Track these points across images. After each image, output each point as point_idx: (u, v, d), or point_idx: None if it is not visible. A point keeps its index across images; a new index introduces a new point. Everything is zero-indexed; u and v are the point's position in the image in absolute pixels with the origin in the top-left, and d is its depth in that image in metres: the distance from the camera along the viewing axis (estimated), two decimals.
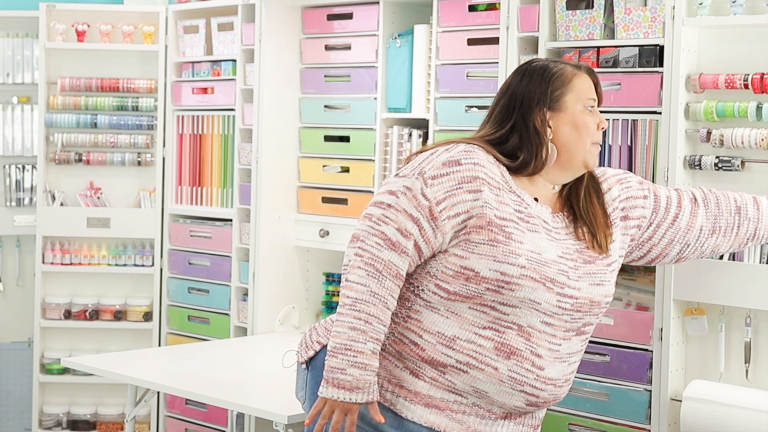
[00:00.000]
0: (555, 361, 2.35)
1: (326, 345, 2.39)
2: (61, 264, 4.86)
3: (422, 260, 2.33)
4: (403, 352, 2.34)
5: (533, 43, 3.41)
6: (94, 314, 4.86)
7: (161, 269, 4.81)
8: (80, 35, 4.86)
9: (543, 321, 2.32)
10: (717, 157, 3.04)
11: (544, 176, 2.42)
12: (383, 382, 2.35)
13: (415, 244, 2.29)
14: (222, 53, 4.54)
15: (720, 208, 2.63)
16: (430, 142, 3.77)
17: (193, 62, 4.68)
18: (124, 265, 4.88)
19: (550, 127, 2.38)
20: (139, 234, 4.87)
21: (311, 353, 2.47)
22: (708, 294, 3.03)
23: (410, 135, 3.85)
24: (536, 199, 2.40)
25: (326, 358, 2.27)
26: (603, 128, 2.45)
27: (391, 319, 2.35)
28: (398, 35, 3.94)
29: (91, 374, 4.33)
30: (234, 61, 4.45)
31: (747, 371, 3.02)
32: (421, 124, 3.85)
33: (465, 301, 2.31)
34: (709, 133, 3.05)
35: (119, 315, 4.87)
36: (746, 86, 2.98)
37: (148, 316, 4.85)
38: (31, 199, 4.99)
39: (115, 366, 3.58)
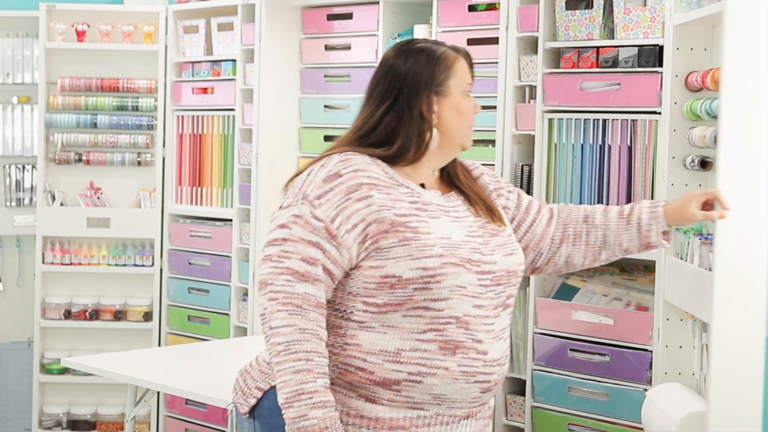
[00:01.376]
0: (494, 341, 2.30)
1: (267, 390, 2.31)
2: (61, 264, 4.86)
3: (335, 282, 2.25)
4: (353, 382, 2.26)
5: (533, 43, 3.41)
6: (94, 314, 4.86)
7: (161, 269, 4.82)
8: (80, 35, 4.86)
9: (474, 305, 2.27)
10: (693, 157, 3.02)
11: (425, 162, 2.37)
12: (342, 416, 2.27)
13: (324, 268, 2.22)
14: (222, 53, 4.54)
15: (570, 217, 2.59)
16: None
17: (193, 62, 4.68)
18: (124, 265, 4.88)
19: (434, 112, 2.33)
20: (139, 234, 4.87)
21: (253, 401, 2.35)
22: (680, 299, 3.00)
23: None
24: (423, 185, 2.35)
25: (283, 411, 2.17)
26: (478, 112, 2.41)
27: (330, 351, 2.27)
28: (398, 35, 3.94)
29: (91, 374, 4.34)
30: (234, 61, 4.45)
31: (704, 378, 2.96)
32: None
33: (397, 309, 2.24)
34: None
35: (119, 315, 4.87)
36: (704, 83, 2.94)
37: (148, 316, 4.85)
38: (31, 199, 4.99)
39: (115, 366, 3.58)
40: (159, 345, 4.79)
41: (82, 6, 4.89)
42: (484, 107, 3.60)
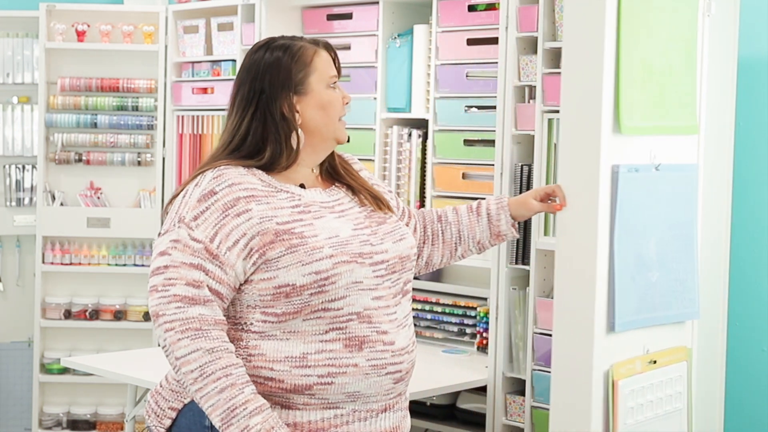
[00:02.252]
0: (399, 329, 2.30)
1: (182, 409, 2.29)
2: (61, 264, 4.86)
3: (225, 301, 2.22)
4: (264, 392, 2.22)
5: (532, 43, 3.41)
6: (94, 314, 4.86)
7: None
8: (80, 35, 4.86)
9: (373, 297, 2.26)
10: None
11: (301, 162, 2.35)
12: None
13: (210, 288, 2.18)
14: (222, 53, 4.54)
15: (426, 220, 2.65)
16: (429, 142, 3.77)
17: (193, 62, 4.68)
18: (124, 265, 4.88)
19: (297, 112, 2.30)
20: (139, 234, 4.87)
21: (168, 422, 2.30)
22: None
23: (410, 135, 3.85)
24: (303, 186, 2.33)
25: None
26: (347, 102, 2.40)
27: None
28: (398, 35, 3.94)
29: (91, 374, 4.34)
30: (234, 61, 4.45)
31: None
32: (421, 124, 3.85)
33: (297, 316, 2.22)
34: None
35: (119, 315, 4.87)
36: None
37: (148, 316, 4.85)
38: (31, 199, 5.00)
39: (115, 366, 3.58)
40: (159, 345, 4.78)
41: (82, 6, 4.89)
42: (484, 107, 3.63)
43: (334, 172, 2.42)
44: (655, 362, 2.79)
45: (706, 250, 3.05)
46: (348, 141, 2.48)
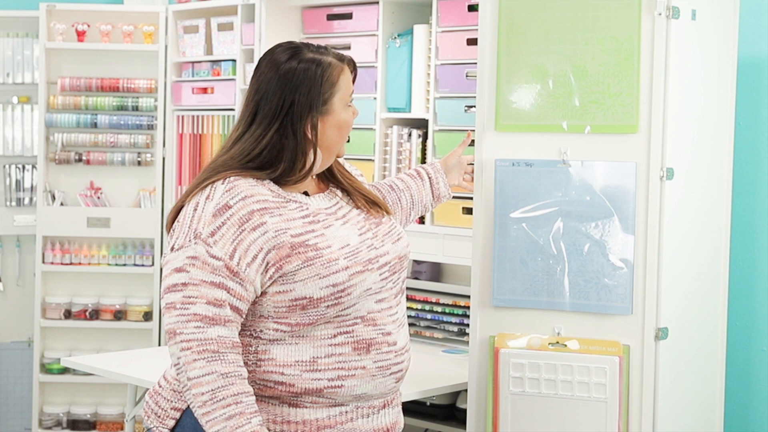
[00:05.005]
0: (400, 329, 2.32)
1: (185, 409, 2.25)
2: (61, 264, 4.87)
3: (243, 316, 2.19)
4: (274, 395, 2.22)
5: None
6: (94, 314, 4.87)
7: (161, 269, 4.81)
8: (80, 35, 4.86)
9: (376, 301, 2.27)
10: None
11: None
12: (269, 424, 2.24)
13: (231, 306, 2.14)
14: (222, 53, 4.54)
15: (381, 191, 2.78)
16: (429, 142, 3.77)
17: (193, 62, 4.69)
18: (124, 265, 4.88)
19: (317, 132, 2.27)
20: (139, 234, 4.88)
21: (172, 423, 2.27)
22: None
23: (410, 135, 3.85)
24: (307, 193, 2.31)
25: None
26: (356, 116, 2.37)
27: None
28: (398, 35, 3.94)
29: (91, 374, 4.34)
30: (234, 61, 4.46)
31: None
32: (421, 124, 3.85)
33: (309, 325, 2.22)
34: None
35: (119, 315, 4.87)
36: None
37: (148, 316, 4.86)
38: (31, 199, 5.00)
39: (115, 366, 3.58)
40: (159, 345, 4.79)
41: (82, 6, 4.89)
42: None
43: (330, 174, 2.41)
44: (565, 345, 2.85)
45: (705, 251, 3.06)
46: (348, 141, 2.48)
